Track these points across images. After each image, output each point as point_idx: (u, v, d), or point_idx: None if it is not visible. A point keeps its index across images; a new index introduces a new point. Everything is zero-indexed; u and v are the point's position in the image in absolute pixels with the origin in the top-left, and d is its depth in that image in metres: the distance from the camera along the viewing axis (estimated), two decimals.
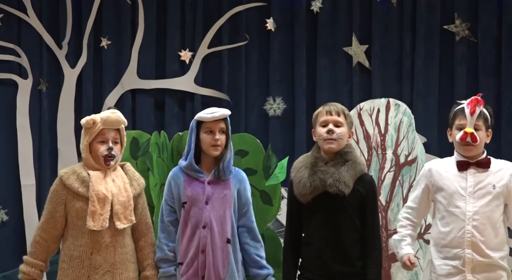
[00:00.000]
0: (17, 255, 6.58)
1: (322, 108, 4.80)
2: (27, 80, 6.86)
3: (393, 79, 6.90)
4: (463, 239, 4.56)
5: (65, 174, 4.72)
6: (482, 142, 4.64)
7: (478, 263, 4.55)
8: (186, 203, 4.80)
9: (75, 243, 4.66)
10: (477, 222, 4.55)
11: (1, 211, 6.84)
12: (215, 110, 4.86)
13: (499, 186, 4.60)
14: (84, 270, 4.64)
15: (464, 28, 6.81)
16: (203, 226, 4.74)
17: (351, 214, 4.61)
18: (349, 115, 4.80)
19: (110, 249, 4.67)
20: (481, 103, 4.64)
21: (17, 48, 6.85)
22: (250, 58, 6.96)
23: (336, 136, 4.62)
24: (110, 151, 4.69)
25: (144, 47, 6.90)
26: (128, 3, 6.85)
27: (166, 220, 4.83)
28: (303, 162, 4.73)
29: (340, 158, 4.65)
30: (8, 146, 6.86)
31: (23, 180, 6.81)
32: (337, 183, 4.56)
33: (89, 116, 4.68)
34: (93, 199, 4.63)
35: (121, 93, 6.87)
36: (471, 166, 4.62)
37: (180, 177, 4.83)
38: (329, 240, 4.57)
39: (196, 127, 4.82)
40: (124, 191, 4.74)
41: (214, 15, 6.90)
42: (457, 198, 4.60)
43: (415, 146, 6.13)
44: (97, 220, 4.62)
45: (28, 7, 6.82)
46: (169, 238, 4.80)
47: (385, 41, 6.90)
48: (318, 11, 6.85)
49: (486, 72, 6.84)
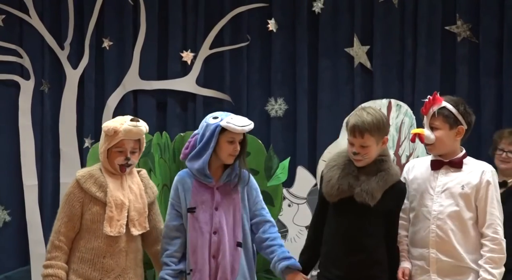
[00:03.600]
0: (19, 256, 6.84)
1: (351, 118, 4.62)
2: (29, 81, 6.88)
3: (394, 79, 6.90)
4: (428, 239, 4.55)
5: (82, 177, 4.72)
6: (442, 141, 4.58)
7: (443, 264, 4.54)
8: (195, 208, 4.76)
9: (87, 246, 4.68)
10: (441, 221, 4.52)
11: (4, 211, 6.86)
12: (244, 122, 4.72)
13: (468, 187, 4.54)
14: (95, 272, 4.65)
15: (466, 29, 6.82)
16: (213, 231, 4.71)
17: (375, 221, 4.60)
18: (378, 126, 4.60)
19: (122, 254, 4.69)
20: (437, 101, 4.58)
21: (19, 49, 6.87)
22: (252, 59, 6.97)
23: (362, 157, 4.55)
24: (127, 161, 4.68)
25: (146, 48, 6.91)
26: (130, 4, 6.85)
27: (171, 224, 4.80)
28: (337, 160, 4.66)
29: (373, 166, 4.61)
30: (10, 146, 6.88)
31: (25, 180, 6.82)
32: (364, 194, 4.54)
33: (113, 122, 4.65)
34: (111, 205, 4.64)
35: (123, 94, 6.90)
36: (444, 165, 4.59)
37: (187, 182, 4.77)
38: (350, 243, 4.57)
39: (219, 132, 4.70)
40: (140, 198, 4.75)
41: (215, 16, 6.91)
42: (426, 197, 4.59)
43: (416, 146, 6.14)
44: (114, 226, 4.64)
45: (30, 8, 6.83)
46: (170, 243, 4.77)
47: (386, 42, 6.90)
48: (319, 12, 6.85)
49: (488, 73, 6.82)
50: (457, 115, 4.54)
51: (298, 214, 6.15)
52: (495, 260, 4.52)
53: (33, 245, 6.79)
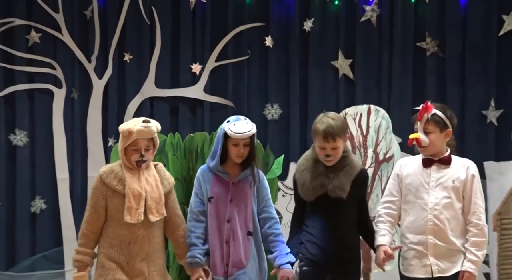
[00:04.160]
0: (53, 238, 6.99)
1: (320, 125, 4.54)
2: (61, 89, 7.01)
3: (373, 88, 7.04)
4: (426, 227, 4.55)
5: (104, 173, 4.69)
6: (434, 143, 4.60)
7: (439, 248, 4.55)
8: (212, 198, 4.74)
9: (114, 233, 4.63)
10: (438, 211, 4.55)
11: (40, 200, 6.99)
12: (242, 129, 4.65)
13: (458, 181, 4.57)
14: (123, 257, 4.62)
15: (434, 45, 7.00)
16: (227, 220, 4.71)
17: (348, 209, 4.62)
18: (344, 128, 4.62)
19: (145, 240, 4.63)
20: (429, 109, 4.58)
21: (53, 62, 7.00)
22: (251, 70, 7.09)
23: (333, 158, 4.55)
24: (142, 158, 4.63)
25: (160, 61, 7.03)
26: (147, 23, 6.99)
27: (196, 210, 4.76)
28: (306, 164, 4.65)
29: (339, 164, 4.60)
30: (46, 145, 7.01)
31: (58, 174, 6.97)
32: (336, 189, 4.54)
33: (127, 124, 4.64)
34: (129, 196, 4.59)
35: (141, 100, 7.02)
36: (434, 163, 4.61)
37: (208, 175, 4.76)
38: (328, 230, 4.59)
39: (223, 136, 4.68)
40: (156, 188, 4.68)
41: (220, 33, 7.04)
42: (422, 190, 4.59)
43: (392, 145, 6.22)
44: (133, 214, 4.59)
45: (62, 27, 6.99)
46: (196, 226, 4.74)
47: (366, 56, 7.04)
48: (309, 30, 7.01)
49: (452, 82, 7.00)
50: (446, 120, 4.59)
51: (291, 203, 5.59)
52: (478, 244, 4.55)
53: (65, 229, 6.92)
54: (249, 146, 4.64)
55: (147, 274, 4.64)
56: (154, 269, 4.66)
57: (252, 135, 4.63)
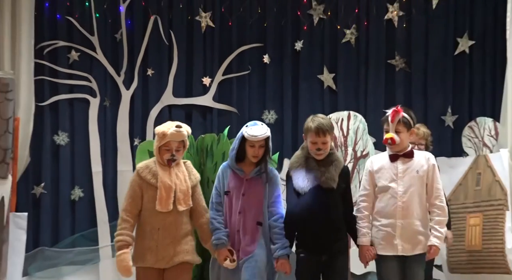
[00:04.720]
0: (89, 220, 7.31)
1: (311, 123, 4.73)
2: (96, 98, 7.38)
3: (352, 97, 7.43)
4: (395, 212, 4.84)
5: (140, 168, 4.90)
6: (404, 141, 4.87)
7: (405, 230, 4.83)
8: (229, 191, 4.89)
9: (147, 220, 4.86)
10: (406, 198, 4.83)
11: (79, 190, 7.36)
12: (256, 133, 4.72)
13: (421, 171, 4.87)
14: (153, 241, 4.83)
15: (402, 62, 7.48)
16: (239, 212, 4.87)
17: (336, 198, 4.89)
18: (331, 126, 4.83)
19: (173, 227, 4.83)
20: (399, 111, 4.86)
21: (89, 76, 7.36)
22: (252, 82, 7.48)
23: (323, 152, 4.82)
24: (173, 157, 4.81)
25: (177, 75, 7.40)
26: (166, 44, 7.36)
27: (215, 201, 4.93)
28: (299, 161, 4.82)
29: (327, 159, 4.83)
30: (84, 144, 7.38)
31: (93, 168, 7.32)
32: (328, 181, 4.78)
33: (162, 127, 4.80)
34: (161, 188, 4.78)
35: (161, 108, 7.38)
36: (399, 157, 4.92)
37: (227, 171, 4.90)
38: (320, 218, 4.83)
39: (241, 139, 4.82)
40: (184, 182, 4.85)
41: (226, 52, 7.44)
42: (391, 181, 4.91)
43: (368, 144, 6.70)
44: (164, 204, 4.77)
45: (97, 47, 7.37)
46: (217, 213, 4.89)
47: (347, 71, 7.46)
48: (299, 49, 7.45)
49: (417, 93, 7.47)
50: (410, 120, 4.94)
51: (284, 192, 5.55)
52: (441, 222, 4.82)
53: (99, 213, 7.28)
54: (264, 147, 4.80)
55: (173, 255, 4.83)
56: (180, 250, 4.84)
57: (266, 138, 4.76)
